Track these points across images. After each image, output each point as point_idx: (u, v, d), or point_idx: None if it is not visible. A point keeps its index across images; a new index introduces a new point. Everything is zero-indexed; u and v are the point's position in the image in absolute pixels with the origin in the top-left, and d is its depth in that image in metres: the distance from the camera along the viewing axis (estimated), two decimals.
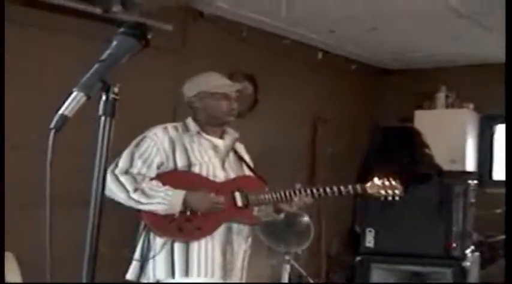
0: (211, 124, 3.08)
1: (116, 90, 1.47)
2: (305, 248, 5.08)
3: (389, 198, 3.12)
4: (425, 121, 6.94)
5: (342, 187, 3.05)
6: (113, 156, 2.79)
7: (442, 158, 5.89)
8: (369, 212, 5.30)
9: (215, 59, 5.17)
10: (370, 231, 5.23)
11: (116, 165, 2.90)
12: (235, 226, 3.02)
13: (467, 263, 5.09)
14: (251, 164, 3.26)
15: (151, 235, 2.94)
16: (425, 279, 5.24)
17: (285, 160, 5.92)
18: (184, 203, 2.87)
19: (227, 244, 2.98)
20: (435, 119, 7.05)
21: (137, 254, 2.97)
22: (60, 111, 1.35)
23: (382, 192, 3.11)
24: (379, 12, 5.42)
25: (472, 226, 5.29)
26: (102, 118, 1.45)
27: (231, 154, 3.13)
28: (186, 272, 2.88)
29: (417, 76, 7.55)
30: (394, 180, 3.13)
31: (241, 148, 3.25)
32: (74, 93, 1.38)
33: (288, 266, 4.94)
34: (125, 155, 2.94)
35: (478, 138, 7.32)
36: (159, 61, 4.87)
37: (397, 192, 3.11)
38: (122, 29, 1.58)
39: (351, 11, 5.42)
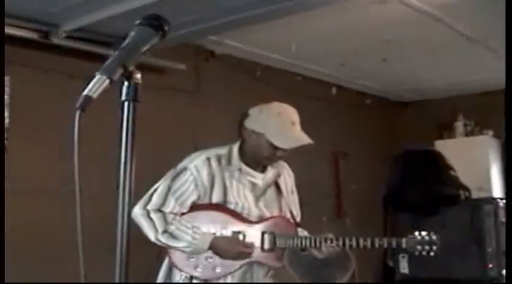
0: (253, 161, 2.95)
1: (138, 76, 1.48)
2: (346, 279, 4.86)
3: (424, 253, 2.89)
4: (446, 150, 6.84)
5: (376, 240, 2.87)
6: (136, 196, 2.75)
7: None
8: None
9: (230, 98, 5.22)
10: (403, 257, 5.09)
11: (150, 199, 2.82)
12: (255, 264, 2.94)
13: None
14: (294, 194, 3.16)
15: None
16: None
17: (310, 196, 5.83)
18: (211, 247, 2.80)
19: (246, 280, 2.88)
20: (456, 148, 6.99)
21: (160, 280, 2.92)
22: (85, 92, 1.36)
23: (419, 247, 2.89)
24: (386, 42, 5.43)
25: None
26: (126, 103, 1.45)
27: (270, 190, 3.00)
28: None
29: (433, 106, 7.55)
30: (435, 234, 2.91)
31: (286, 178, 3.10)
32: (97, 76, 1.40)
33: None
34: (161, 189, 2.84)
35: (501, 164, 7.23)
36: (176, 101, 4.94)
37: (434, 247, 2.89)
38: (138, 21, 1.58)
39: (359, 42, 5.44)
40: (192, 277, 2.83)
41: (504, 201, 5.15)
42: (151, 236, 2.79)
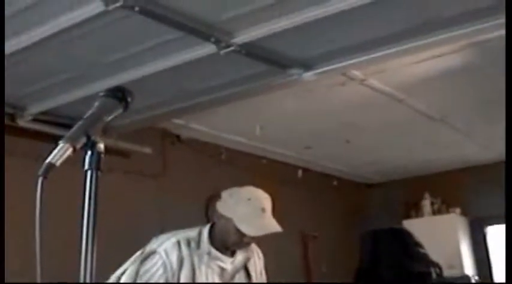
0: (222, 245, 2.91)
1: (102, 146, 1.49)
2: None
3: None
4: (414, 229, 6.81)
5: None
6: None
7: None
8: None
9: (196, 182, 5.21)
10: None
11: (118, 281, 2.77)
12: None
13: None
14: (263, 276, 3.12)
15: None
16: None
17: (280, 279, 5.78)
18: None
19: None
20: (425, 227, 6.99)
21: None
22: (48, 160, 1.37)
23: None
24: (349, 124, 5.54)
25: None
26: (89, 172, 1.45)
27: (239, 275, 2.97)
28: None
29: (399, 186, 7.65)
30: None
31: (256, 261, 3.08)
32: (61, 144, 1.41)
33: None
34: (129, 272, 2.78)
35: (470, 241, 7.27)
36: (142, 185, 4.91)
37: None
38: (102, 93, 1.62)
39: (323, 125, 5.54)
40: None
41: (476, 277, 5.15)
42: None
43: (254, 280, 3.00)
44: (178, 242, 2.83)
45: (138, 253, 2.86)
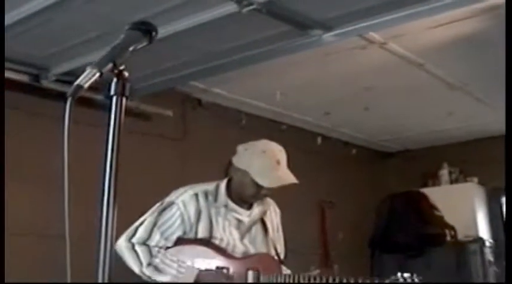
0: (239, 198, 2.95)
1: (126, 74, 1.56)
2: None
3: None
4: (432, 198, 6.91)
5: (359, 280, 2.70)
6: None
7: None
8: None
9: (215, 147, 5.27)
10: None
11: (135, 232, 2.83)
12: None
13: None
14: (279, 231, 3.16)
15: None
16: None
17: (297, 245, 5.83)
18: (196, 281, 2.77)
19: None
20: (442, 195, 7.02)
21: None
22: (76, 82, 1.44)
23: None
24: (369, 89, 5.52)
25: None
26: (114, 98, 1.52)
27: (256, 227, 3.01)
28: None
29: (418, 156, 7.64)
30: (418, 277, 2.93)
31: (272, 215, 3.11)
32: (88, 70, 1.48)
33: None
34: (147, 223, 2.84)
35: (487, 210, 7.28)
36: (161, 148, 4.98)
37: None
38: (128, 26, 1.69)
39: (342, 90, 5.55)
40: None
41: (491, 240, 5.17)
42: (135, 268, 2.78)
43: (270, 233, 3.03)
44: (196, 195, 2.88)
45: (157, 205, 2.93)
